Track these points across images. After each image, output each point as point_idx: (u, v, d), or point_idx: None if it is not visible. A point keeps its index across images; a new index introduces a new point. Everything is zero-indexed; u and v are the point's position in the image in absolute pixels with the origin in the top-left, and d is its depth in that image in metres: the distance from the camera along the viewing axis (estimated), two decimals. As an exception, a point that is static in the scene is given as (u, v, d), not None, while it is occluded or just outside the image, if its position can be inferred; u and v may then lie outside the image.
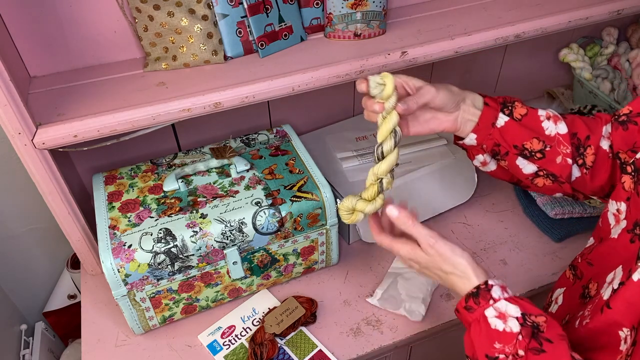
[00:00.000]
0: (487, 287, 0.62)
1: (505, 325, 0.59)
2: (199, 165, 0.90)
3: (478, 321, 0.61)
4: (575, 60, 1.25)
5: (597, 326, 0.59)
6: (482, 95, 0.76)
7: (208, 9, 0.84)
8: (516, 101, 0.75)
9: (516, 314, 0.59)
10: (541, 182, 0.76)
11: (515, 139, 0.73)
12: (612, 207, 0.67)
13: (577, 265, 0.73)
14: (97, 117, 0.79)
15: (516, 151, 0.74)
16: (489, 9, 1.02)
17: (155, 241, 0.80)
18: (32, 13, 0.82)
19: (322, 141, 1.10)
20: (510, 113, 0.74)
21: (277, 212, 0.85)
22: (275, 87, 0.85)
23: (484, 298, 0.62)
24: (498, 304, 0.61)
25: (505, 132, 0.74)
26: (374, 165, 0.71)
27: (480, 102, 0.75)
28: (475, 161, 0.80)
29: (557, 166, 0.73)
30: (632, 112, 0.68)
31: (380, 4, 0.92)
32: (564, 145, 0.73)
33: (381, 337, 0.89)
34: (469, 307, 0.63)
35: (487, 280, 0.63)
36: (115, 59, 0.91)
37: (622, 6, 1.02)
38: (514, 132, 0.73)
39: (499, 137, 0.74)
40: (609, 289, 0.60)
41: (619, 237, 0.64)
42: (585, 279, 0.69)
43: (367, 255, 1.02)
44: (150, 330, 0.90)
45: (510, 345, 0.58)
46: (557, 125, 0.74)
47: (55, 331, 1.28)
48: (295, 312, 0.89)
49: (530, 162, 0.74)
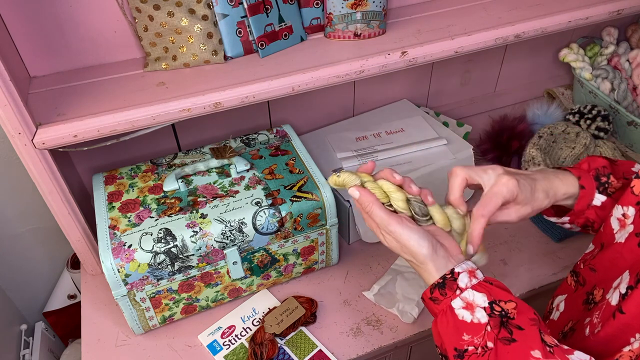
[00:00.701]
0: (453, 277, 0.60)
1: (472, 316, 0.57)
2: (199, 165, 0.90)
3: (445, 312, 0.59)
4: (575, 60, 1.25)
5: (610, 332, 0.57)
6: (569, 171, 0.69)
7: (208, 9, 0.84)
8: (611, 174, 0.68)
9: (483, 303, 0.57)
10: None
11: (611, 212, 0.67)
12: (617, 211, 0.65)
13: (579, 271, 0.71)
14: (97, 117, 0.79)
15: (611, 215, 0.68)
16: (489, 9, 1.02)
17: (155, 241, 0.80)
18: (32, 13, 0.82)
19: (322, 141, 1.10)
20: (605, 190, 0.68)
21: (277, 212, 0.85)
22: (275, 87, 0.85)
23: (450, 288, 0.59)
24: (465, 294, 0.59)
25: (601, 211, 0.68)
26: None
27: (567, 188, 0.68)
28: (554, 219, 0.75)
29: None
30: None
31: (380, 4, 0.92)
32: None
33: (381, 337, 0.89)
34: (435, 298, 0.60)
35: (453, 268, 0.61)
36: (115, 59, 0.91)
37: (622, 6, 1.02)
38: (612, 207, 0.67)
39: (594, 216, 0.69)
40: (616, 294, 0.59)
41: (625, 241, 0.62)
42: (588, 285, 0.67)
43: (367, 255, 1.02)
44: (150, 330, 0.90)
45: (479, 336, 0.56)
46: None
47: (55, 331, 1.28)
48: (295, 312, 0.89)
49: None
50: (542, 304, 1.15)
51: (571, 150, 1.14)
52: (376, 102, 1.22)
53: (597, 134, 1.17)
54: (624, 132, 1.19)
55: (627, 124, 1.17)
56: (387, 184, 0.67)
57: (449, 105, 1.33)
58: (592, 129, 1.17)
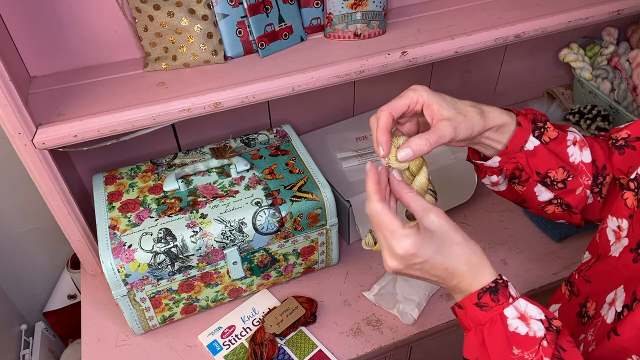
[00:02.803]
0: (504, 282, 0.54)
1: (528, 328, 0.51)
2: (199, 165, 0.90)
3: (494, 322, 0.52)
4: (575, 60, 1.25)
5: (604, 353, 0.55)
6: (510, 110, 0.66)
7: (208, 9, 0.84)
8: (547, 121, 0.67)
9: (539, 315, 0.52)
10: (552, 209, 0.70)
11: (541, 166, 0.65)
12: (612, 223, 0.63)
13: (573, 281, 0.68)
14: (97, 117, 0.79)
15: (538, 178, 0.66)
16: (489, 9, 1.02)
17: (155, 241, 0.80)
18: (32, 13, 0.82)
19: (322, 141, 1.10)
20: (540, 135, 0.65)
21: (277, 212, 0.85)
22: (275, 87, 0.85)
23: (503, 295, 0.53)
24: (518, 303, 0.53)
25: (531, 158, 0.65)
26: None
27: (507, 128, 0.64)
28: (485, 180, 0.72)
29: (576, 197, 0.67)
30: (630, 135, 0.65)
31: (380, 4, 0.92)
32: (586, 176, 0.67)
33: (381, 337, 0.89)
34: (483, 304, 0.53)
35: (501, 274, 0.55)
36: (115, 59, 0.91)
37: (622, 6, 1.02)
38: (541, 158, 0.65)
39: (524, 162, 0.65)
40: (612, 312, 0.57)
41: (620, 255, 0.60)
42: (582, 297, 0.65)
43: (367, 255, 1.02)
44: (150, 330, 0.90)
45: (531, 351, 0.50)
46: (582, 153, 0.67)
47: (55, 331, 1.28)
48: (295, 312, 0.89)
49: (548, 190, 0.67)
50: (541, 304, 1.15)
51: (571, 150, 1.14)
52: (376, 102, 1.22)
53: (597, 134, 1.16)
54: (624, 132, 1.19)
55: (627, 124, 1.17)
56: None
57: (449, 105, 1.33)
58: (592, 129, 1.17)
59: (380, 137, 0.59)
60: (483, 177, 0.72)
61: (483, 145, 0.66)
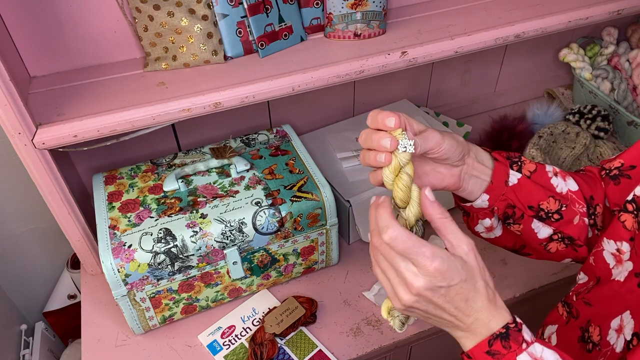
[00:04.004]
0: (517, 327, 0.50)
1: None
2: (199, 165, 0.90)
3: None
4: (575, 60, 1.25)
5: None
6: (484, 149, 0.64)
7: (208, 9, 0.84)
8: (521, 155, 0.66)
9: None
10: (554, 247, 0.67)
11: (531, 198, 0.63)
12: (609, 246, 0.60)
13: (572, 303, 0.65)
14: (97, 117, 0.79)
15: (532, 213, 0.64)
16: (489, 9, 1.02)
17: (155, 241, 0.80)
18: (32, 13, 0.82)
19: (322, 141, 1.10)
20: (519, 169, 0.64)
21: (277, 212, 0.85)
22: (275, 87, 0.85)
23: (515, 340, 0.49)
24: (533, 348, 0.49)
25: (519, 191, 0.63)
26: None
27: (485, 156, 0.63)
28: (478, 227, 0.68)
29: (575, 228, 0.65)
30: (624, 164, 0.63)
31: (380, 4, 0.92)
32: (579, 204, 0.64)
33: (381, 337, 0.89)
34: (495, 352, 0.49)
35: (514, 317, 0.51)
36: (115, 59, 0.91)
37: (622, 6, 1.02)
38: (529, 190, 0.63)
39: (513, 197, 0.63)
40: (621, 340, 0.55)
41: (625, 280, 0.58)
42: (582, 320, 0.62)
43: (367, 255, 1.02)
44: (150, 330, 0.90)
45: None
46: (566, 182, 0.65)
47: (55, 331, 1.28)
48: (295, 312, 0.89)
49: (546, 224, 0.64)
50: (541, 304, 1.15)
51: (571, 150, 1.14)
52: (376, 102, 1.22)
53: (597, 134, 1.17)
54: (624, 132, 1.19)
55: (627, 124, 1.17)
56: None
57: (449, 105, 1.33)
58: (592, 129, 1.17)
59: (382, 115, 0.54)
60: (476, 224, 0.68)
61: (468, 178, 0.62)
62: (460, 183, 0.62)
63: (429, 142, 0.57)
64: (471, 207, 0.65)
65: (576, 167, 1.14)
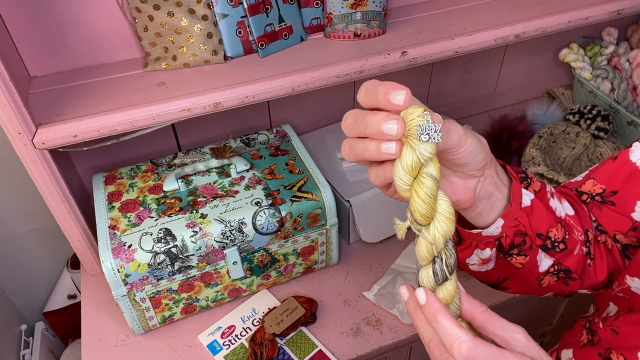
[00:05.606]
0: None
1: None
2: (199, 165, 0.90)
3: None
4: (575, 60, 1.25)
5: None
6: (499, 162, 0.52)
7: (208, 9, 0.84)
8: (526, 170, 0.59)
9: None
10: (547, 281, 0.57)
11: (540, 224, 0.52)
12: (634, 283, 0.54)
13: (597, 330, 0.59)
14: (97, 117, 0.79)
15: (540, 242, 0.53)
16: (489, 9, 1.02)
17: (155, 241, 0.80)
18: (32, 13, 0.82)
19: (322, 141, 1.10)
20: (528, 186, 0.53)
21: (277, 212, 0.85)
22: (275, 87, 0.85)
23: None
24: None
25: (531, 216, 0.51)
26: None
27: (501, 170, 0.50)
28: (472, 258, 0.55)
29: (574, 258, 0.56)
30: (605, 190, 0.57)
31: (380, 4, 0.92)
32: (577, 230, 0.56)
33: (381, 337, 0.89)
34: None
35: None
36: (115, 59, 0.91)
37: (622, 6, 1.02)
38: (540, 215, 0.52)
39: (526, 222, 0.51)
40: None
41: None
42: (602, 347, 0.56)
43: (367, 255, 1.02)
44: (150, 330, 0.90)
45: None
46: (562, 205, 0.56)
47: (55, 331, 1.28)
48: (295, 312, 0.89)
49: (548, 255, 0.54)
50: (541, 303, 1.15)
51: (571, 150, 1.14)
52: (376, 102, 1.22)
53: (597, 134, 1.17)
54: (624, 132, 1.19)
55: (627, 124, 1.17)
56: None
57: (449, 105, 1.33)
58: (592, 129, 1.17)
59: (385, 87, 0.39)
60: (469, 255, 0.55)
61: (483, 195, 0.49)
62: (473, 200, 0.48)
63: (451, 138, 0.42)
64: (473, 234, 0.51)
65: (576, 167, 1.14)
